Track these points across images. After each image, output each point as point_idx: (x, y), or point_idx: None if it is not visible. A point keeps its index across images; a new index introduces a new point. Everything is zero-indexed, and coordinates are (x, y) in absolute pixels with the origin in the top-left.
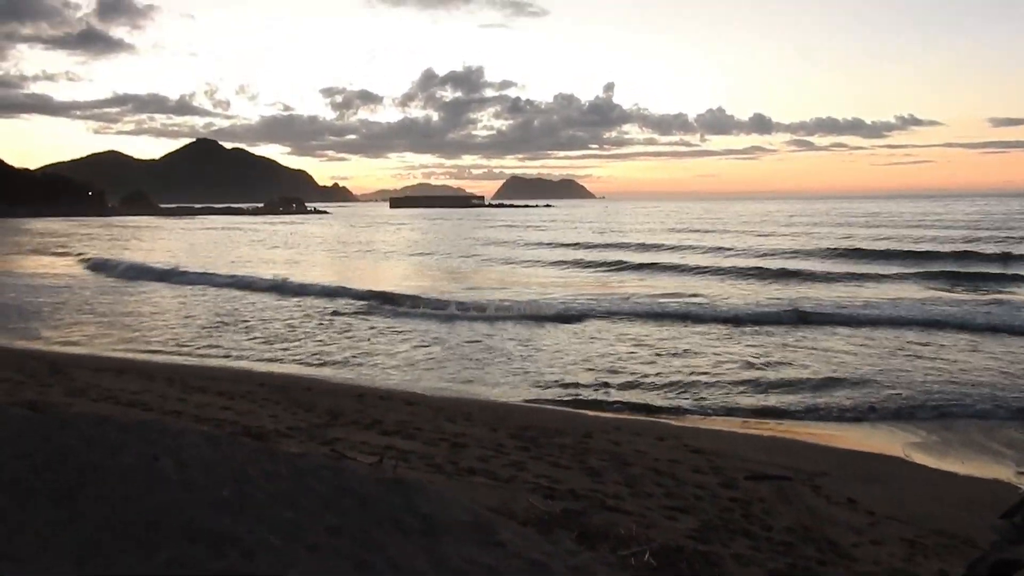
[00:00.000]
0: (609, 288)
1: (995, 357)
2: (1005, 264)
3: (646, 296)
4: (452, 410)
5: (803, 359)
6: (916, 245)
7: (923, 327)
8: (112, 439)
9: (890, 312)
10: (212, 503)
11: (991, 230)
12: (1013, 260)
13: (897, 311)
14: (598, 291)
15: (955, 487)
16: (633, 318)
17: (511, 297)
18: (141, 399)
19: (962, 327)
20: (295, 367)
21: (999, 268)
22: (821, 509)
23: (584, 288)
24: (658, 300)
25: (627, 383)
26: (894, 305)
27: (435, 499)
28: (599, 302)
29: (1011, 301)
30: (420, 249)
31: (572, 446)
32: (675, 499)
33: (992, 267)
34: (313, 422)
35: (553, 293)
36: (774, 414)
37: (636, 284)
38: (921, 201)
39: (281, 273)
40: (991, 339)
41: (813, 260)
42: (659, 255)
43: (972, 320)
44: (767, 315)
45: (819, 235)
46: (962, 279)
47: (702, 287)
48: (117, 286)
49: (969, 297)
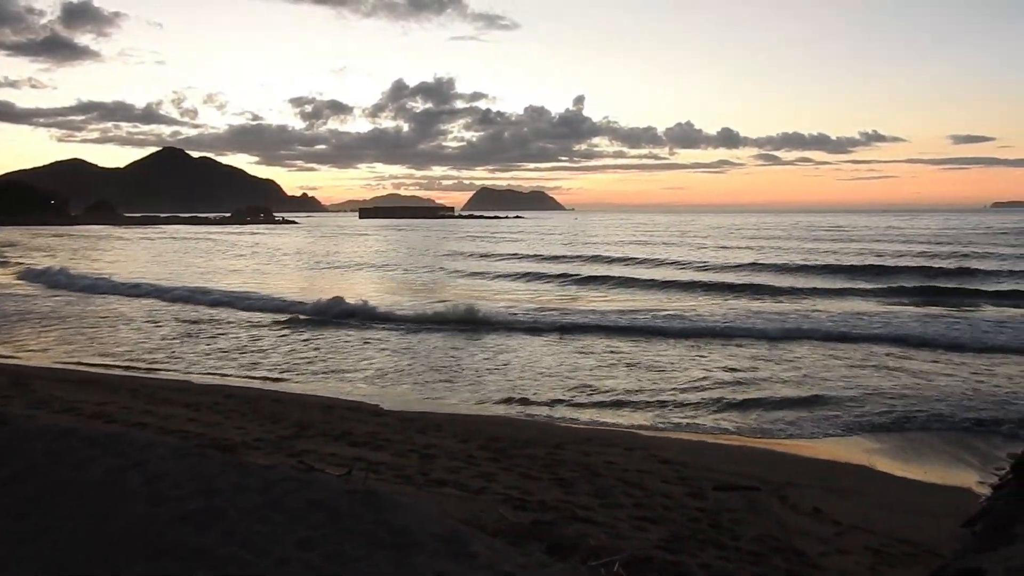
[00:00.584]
0: (574, 302)
1: (957, 371)
2: (962, 279)
3: (612, 309)
4: (422, 421)
5: (772, 373)
6: (879, 260)
7: (890, 342)
8: (77, 452)
9: (856, 325)
10: (180, 517)
11: (950, 245)
12: (969, 275)
13: (864, 325)
14: (564, 304)
15: (919, 497)
16: (601, 331)
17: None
18: (105, 411)
19: (924, 343)
20: (245, 380)
21: (957, 283)
22: (788, 519)
23: (550, 302)
24: (625, 314)
25: (595, 394)
26: (859, 318)
27: (406, 511)
28: (565, 315)
29: (970, 317)
30: (385, 260)
31: (542, 457)
32: (645, 510)
33: (951, 281)
34: (281, 434)
35: (520, 305)
36: (742, 427)
37: (599, 298)
38: (885, 215)
39: (239, 286)
40: (954, 354)
41: (778, 274)
42: (626, 269)
43: (937, 335)
44: (734, 329)
45: (786, 249)
46: (922, 294)
47: (668, 301)
48: (49, 296)
49: (930, 312)
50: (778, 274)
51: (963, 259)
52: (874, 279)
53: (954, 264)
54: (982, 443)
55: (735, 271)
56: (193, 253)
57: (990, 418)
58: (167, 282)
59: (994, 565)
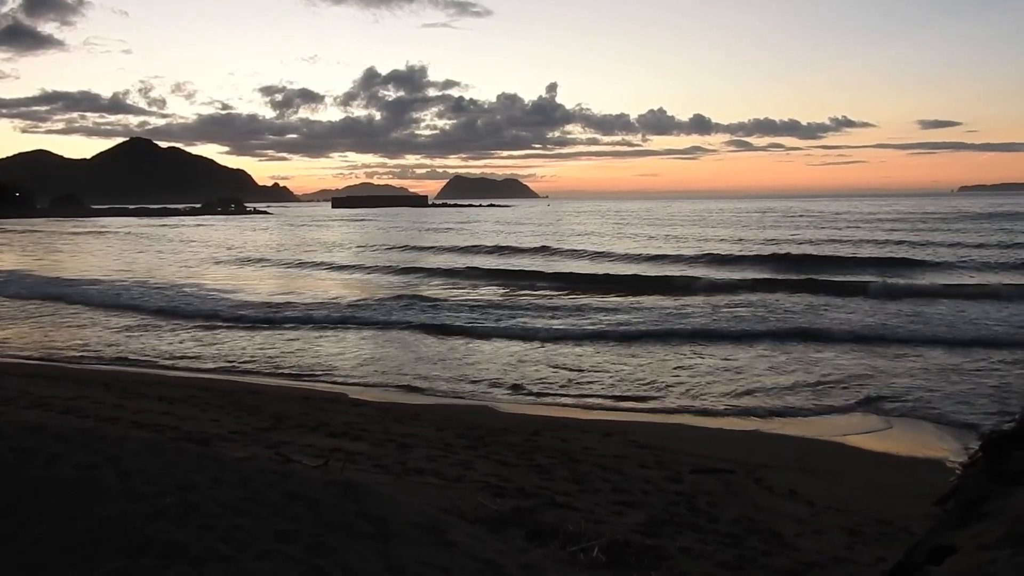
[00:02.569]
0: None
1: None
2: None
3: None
4: (399, 411)
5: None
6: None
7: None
8: (48, 449)
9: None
10: (157, 512)
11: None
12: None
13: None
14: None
15: (892, 477)
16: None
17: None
18: (77, 405)
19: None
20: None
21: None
22: (764, 501)
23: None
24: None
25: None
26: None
27: (386, 501)
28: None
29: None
30: (356, 262)
31: (520, 444)
32: (623, 494)
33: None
34: (257, 426)
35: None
36: (719, 410)
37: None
38: (851, 200)
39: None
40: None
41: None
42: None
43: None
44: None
45: (748, 240)
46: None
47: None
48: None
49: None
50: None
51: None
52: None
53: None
54: (952, 423)
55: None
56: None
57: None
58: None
59: (966, 542)
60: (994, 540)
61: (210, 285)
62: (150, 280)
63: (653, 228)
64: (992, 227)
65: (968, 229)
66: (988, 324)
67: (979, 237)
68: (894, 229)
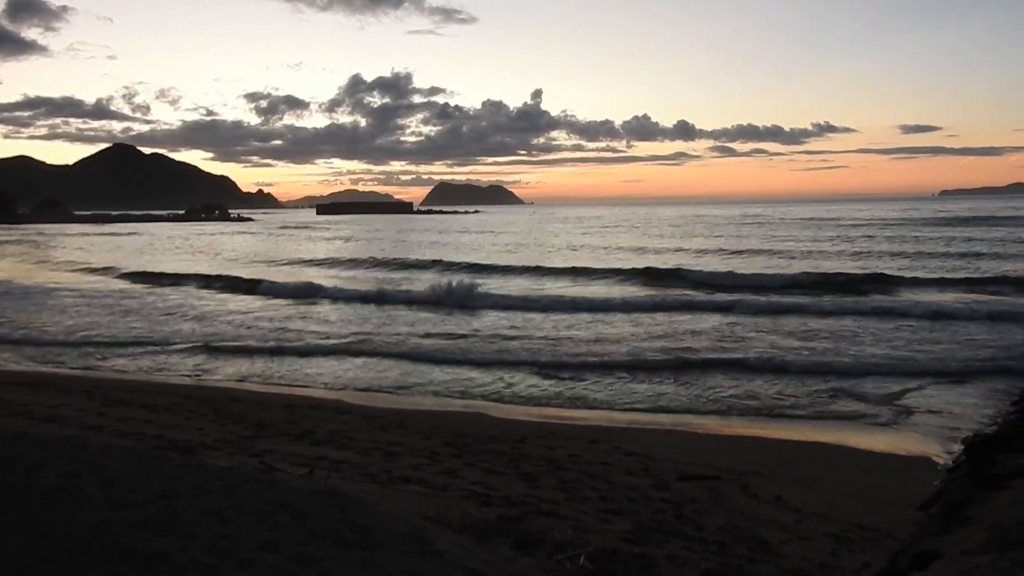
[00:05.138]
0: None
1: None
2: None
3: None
4: (385, 418)
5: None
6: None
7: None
8: (29, 457)
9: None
10: (139, 522)
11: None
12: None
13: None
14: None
15: (877, 482)
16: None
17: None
18: (58, 413)
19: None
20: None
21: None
22: (750, 508)
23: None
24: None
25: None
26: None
27: (371, 510)
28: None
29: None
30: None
31: (507, 452)
32: (609, 502)
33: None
34: (242, 434)
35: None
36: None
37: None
38: (830, 205)
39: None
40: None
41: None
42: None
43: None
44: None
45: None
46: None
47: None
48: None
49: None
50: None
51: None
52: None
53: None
54: (936, 426)
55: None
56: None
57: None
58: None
59: (950, 548)
60: (977, 545)
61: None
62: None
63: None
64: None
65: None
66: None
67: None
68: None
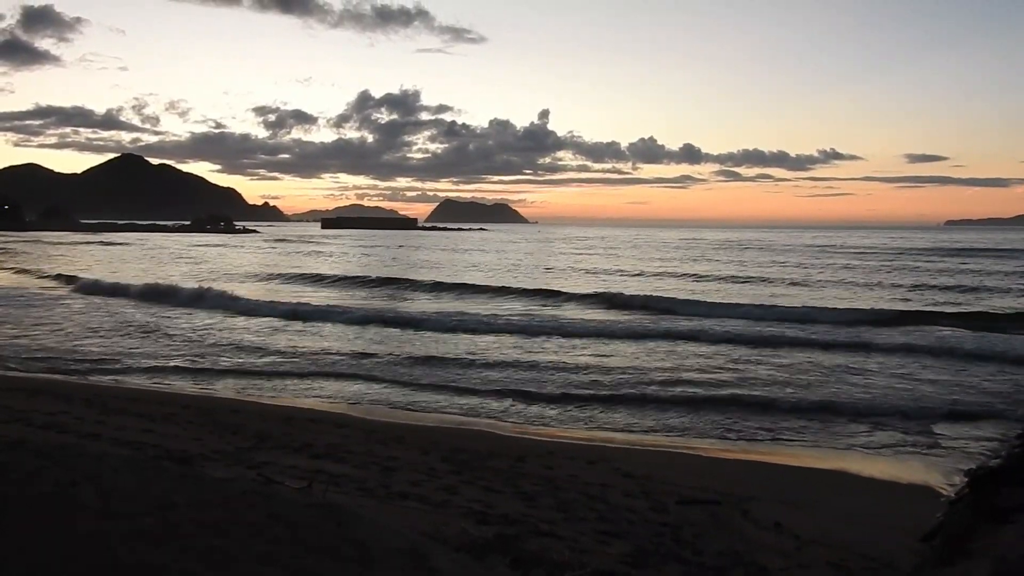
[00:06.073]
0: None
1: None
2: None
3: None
4: (383, 432)
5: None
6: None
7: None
8: (26, 465)
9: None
10: (135, 532)
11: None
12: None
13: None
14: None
15: (878, 510)
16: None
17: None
18: (57, 421)
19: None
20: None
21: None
22: (750, 533)
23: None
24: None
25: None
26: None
27: (368, 525)
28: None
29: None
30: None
31: (505, 470)
32: (608, 524)
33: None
34: (240, 445)
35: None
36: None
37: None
38: (836, 232)
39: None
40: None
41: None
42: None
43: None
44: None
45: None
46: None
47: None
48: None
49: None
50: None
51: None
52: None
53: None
54: (941, 454)
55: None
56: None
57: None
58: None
59: None
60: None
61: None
62: None
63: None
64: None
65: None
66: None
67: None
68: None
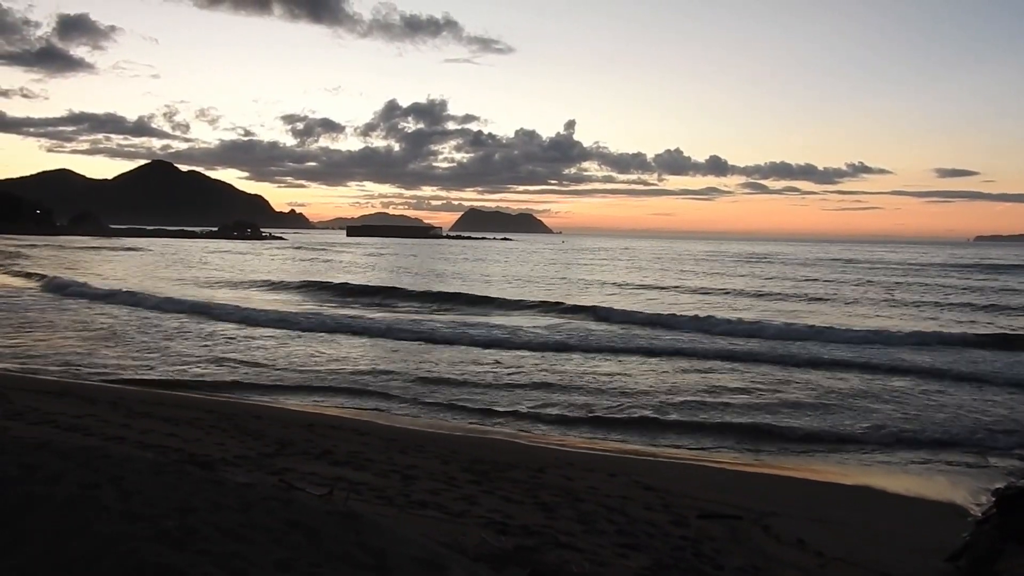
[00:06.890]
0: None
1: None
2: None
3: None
4: (404, 441)
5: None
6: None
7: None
8: (51, 466)
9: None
10: (155, 535)
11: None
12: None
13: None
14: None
15: (902, 528)
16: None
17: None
18: (82, 423)
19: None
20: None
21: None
22: (771, 550)
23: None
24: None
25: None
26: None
27: (387, 534)
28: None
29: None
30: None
31: (525, 480)
32: (627, 537)
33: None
34: (261, 451)
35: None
36: (724, 452)
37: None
38: (863, 247)
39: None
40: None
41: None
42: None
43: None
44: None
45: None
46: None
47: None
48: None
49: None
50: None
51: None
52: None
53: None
54: (968, 473)
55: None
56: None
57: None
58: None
59: None
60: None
61: None
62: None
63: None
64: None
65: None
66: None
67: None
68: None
